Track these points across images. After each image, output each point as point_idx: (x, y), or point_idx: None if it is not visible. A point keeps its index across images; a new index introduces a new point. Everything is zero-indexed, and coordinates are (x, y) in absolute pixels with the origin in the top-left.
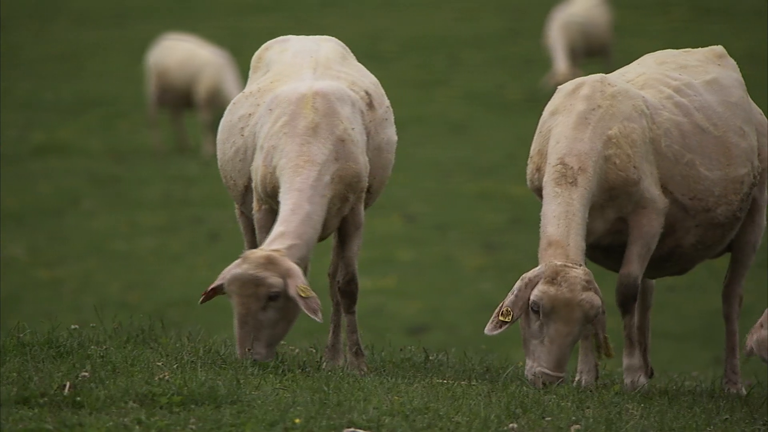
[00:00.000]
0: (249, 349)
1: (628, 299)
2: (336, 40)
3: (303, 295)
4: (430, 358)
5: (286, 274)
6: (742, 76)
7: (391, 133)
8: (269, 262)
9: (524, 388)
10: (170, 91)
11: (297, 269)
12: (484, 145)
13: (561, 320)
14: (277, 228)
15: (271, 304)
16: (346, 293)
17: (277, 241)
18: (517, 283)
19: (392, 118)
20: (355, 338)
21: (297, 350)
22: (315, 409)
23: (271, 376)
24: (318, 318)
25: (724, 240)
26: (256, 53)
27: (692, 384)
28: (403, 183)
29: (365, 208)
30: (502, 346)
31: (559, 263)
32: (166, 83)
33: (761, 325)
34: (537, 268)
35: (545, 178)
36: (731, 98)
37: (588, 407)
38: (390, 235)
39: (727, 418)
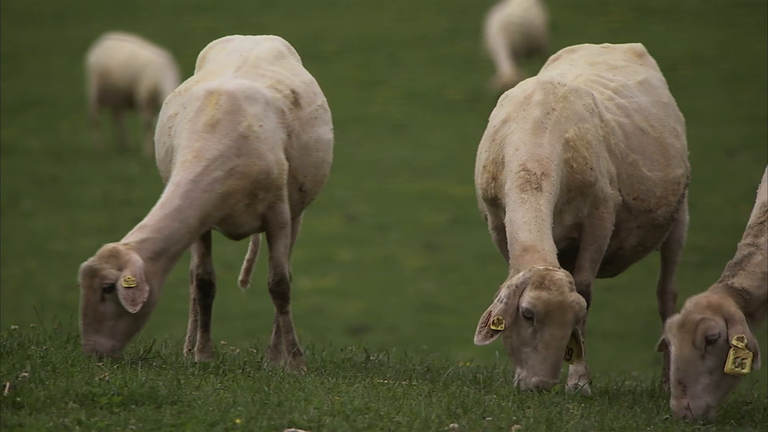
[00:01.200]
0: (93, 349)
1: None
2: (281, 40)
3: (126, 285)
4: (371, 358)
5: (124, 266)
6: (683, 76)
7: (322, 132)
8: (111, 255)
9: (465, 388)
10: (112, 91)
11: (136, 262)
12: (424, 146)
13: (555, 324)
14: (143, 220)
15: (107, 296)
16: (276, 294)
17: (133, 235)
18: (504, 291)
19: (326, 117)
20: (291, 338)
21: (238, 350)
22: (256, 409)
23: (211, 376)
24: (132, 309)
25: (660, 241)
26: (201, 52)
27: (632, 384)
28: (343, 183)
29: (302, 207)
30: (443, 346)
31: (542, 267)
32: (107, 83)
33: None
34: (521, 274)
35: (508, 186)
36: (662, 99)
37: (529, 407)
38: (330, 235)
39: (667, 418)
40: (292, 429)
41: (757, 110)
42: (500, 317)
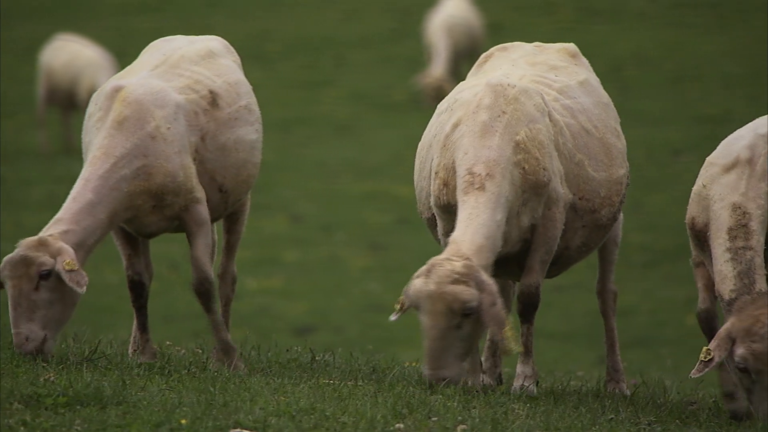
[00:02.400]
0: (27, 337)
1: (529, 308)
2: (220, 40)
3: (68, 268)
4: (317, 358)
5: (56, 253)
6: (629, 76)
7: (244, 133)
8: (40, 244)
9: (411, 388)
10: (57, 91)
11: (68, 249)
12: (370, 146)
13: (425, 313)
14: (57, 215)
15: (43, 283)
16: (200, 294)
17: (52, 227)
18: (413, 276)
19: (251, 118)
20: (221, 336)
21: (183, 351)
22: (201, 409)
23: (156, 376)
24: (80, 290)
25: (602, 242)
26: (143, 51)
27: (578, 384)
28: (289, 183)
29: (226, 207)
30: (388, 346)
31: (441, 257)
32: (53, 83)
33: (731, 338)
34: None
35: (457, 190)
36: (603, 99)
37: (474, 407)
38: (276, 236)
39: (612, 418)
40: (238, 429)
41: (702, 110)
42: (402, 297)
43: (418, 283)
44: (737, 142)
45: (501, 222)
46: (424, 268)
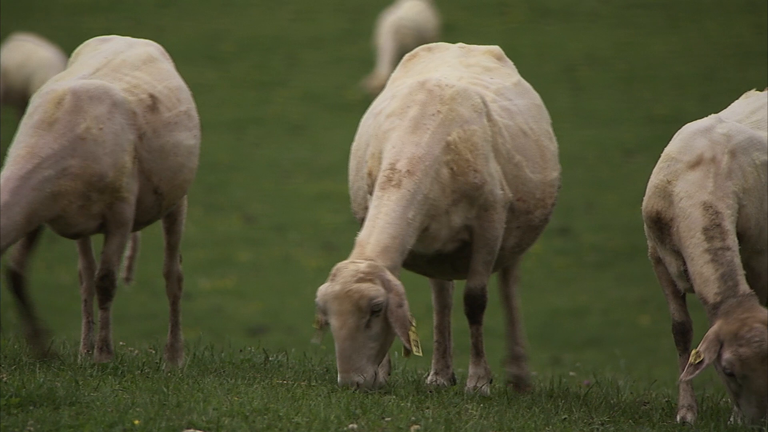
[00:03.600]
0: None
1: (476, 310)
2: (156, 45)
3: None
4: (270, 358)
5: None
6: (581, 77)
7: (183, 138)
8: None
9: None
10: (12, 91)
11: None
12: (322, 146)
13: (333, 315)
14: None
15: None
16: (100, 289)
17: None
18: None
19: (190, 124)
20: (104, 335)
21: (136, 351)
22: (154, 410)
23: (110, 377)
24: None
25: (532, 243)
26: (76, 50)
27: (532, 384)
28: (242, 184)
29: (160, 210)
30: None
31: (346, 261)
32: (8, 83)
33: (719, 341)
34: None
35: (375, 184)
36: (536, 101)
37: (428, 407)
38: (229, 236)
39: (565, 418)
40: (191, 430)
41: (654, 111)
42: (318, 316)
43: (324, 288)
44: (697, 139)
45: (413, 220)
46: (331, 273)
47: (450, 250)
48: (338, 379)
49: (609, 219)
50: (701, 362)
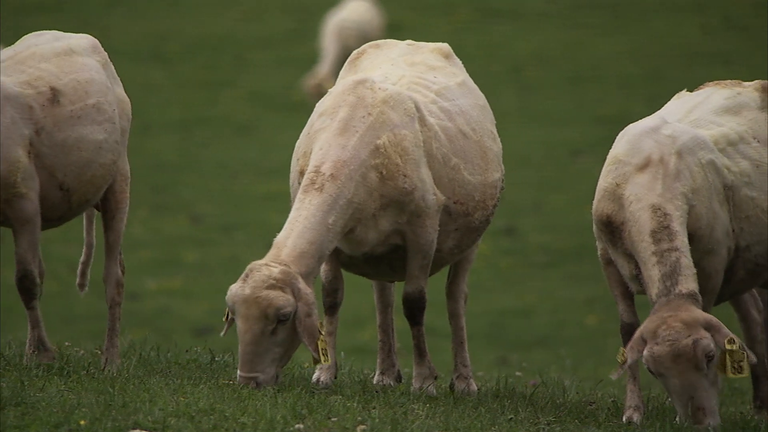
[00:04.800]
0: None
1: (415, 312)
2: (89, 38)
3: None
4: (216, 359)
5: None
6: (529, 77)
7: (88, 132)
8: None
9: (310, 388)
10: None
11: None
12: (270, 146)
13: (240, 317)
14: None
15: None
16: (21, 290)
17: None
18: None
19: (99, 118)
20: (37, 334)
21: (82, 352)
22: (100, 410)
23: (55, 377)
24: None
25: (473, 244)
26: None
27: (477, 384)
28: (189, 184)
29: (70, 206)
30: None
31: (261, 262)
32: None
33: (643, 339)
34: None
35: (300, 186)
36: (480, 101)
37: (374, 407)
38: (176, 236)
39: (511, 418)
40: (137, 430)
41: (602, 111)
42: (227, 309)
43: (234, 288)
44: (644, 140)
45: (334, 225)
46: (244, 273)
47: (382, 253)
48: (238, 377)
49: (556, 219)
50: (625, 361)
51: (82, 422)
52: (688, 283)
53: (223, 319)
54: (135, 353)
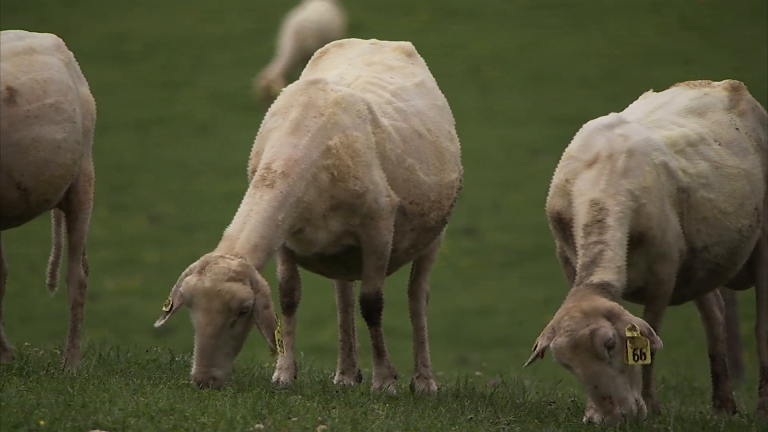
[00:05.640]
0: None
1: (372, 313)
2: (53, 38)
3: None
4: (176, 359)
5: None
6: (487, 77)
7: (46, 132)
8: None
9: (270, 389)
10: None
11: None
12: (229, 146)
13: (200, 310)
14: None
15: None
16: None
17: None
18: (182, 275)
19: (58, 117)
20: None
21: (42, 352)
22: (60, 410)
23: (15, 377)
24: None
25: (431, 243)
26: None
27: (438, 384)
28: (148, 184)
29: (29, 206)
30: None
31: (216, 255)
32: None
33: (554, 330)
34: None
35: (251, 182)
36: (438, 101)
37: (334, 407)
38: (135, 236)
39: (471, 418)
40: (97, 430)
41: (560, 111)
42: (170, 298)
43: (192, 280)
44: (596, 137)
45: (282, 222)
46: (196, 264)
47: (335, 253)
48: (194, 372)
49: (515, 219)
50: (535, 348)
51: (42, 422)
52: (604, 273)
53: (164, 309)
54: (95, 353)
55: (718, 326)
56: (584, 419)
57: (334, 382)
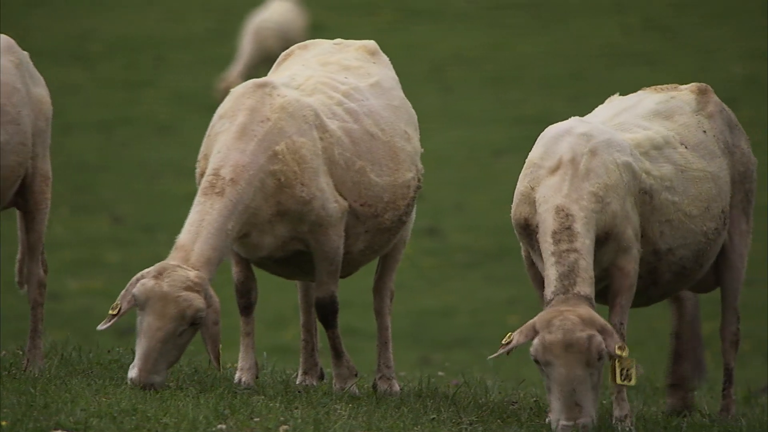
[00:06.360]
0: None
1: (328, 317)
2: (4, 38)
3: None
4: None
5: None
6: (450, 77)
7: None
8: None
9: (233, 389)
10: None
11: None
12: (191, 147)
13: (153, 314)
14: None
15: None
16: None
17: None
18: (132, 279)
19: (16, 119)
20: None
21: (4, 353)
22: (21, 411)
23: None
24: None
25: (389, 244)
26: None
27: (400, 384)
28: (110, 184)
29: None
30: None
31: (173, 263)
32: None
33: (534, 329)
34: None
35: (199, 188)
36: (394, 101)
37: (296, 407)
38: (97, 237)
39: (434, 418)
40: (59, 431)
41: (523, 111)
42: (118, 302)
43: (149, 283)
44: (558, 142)
45: (231, 231)
46: (150, 270)
47: (282, 257)
48: (133, 375)
49: (478, 219)
50: (509, 343)
51: (4, 423)
52: (585, 286)
53: (111, 312)
54: (57, 354)
55: (687, 304)
56: (547, 420)
57: (297, 382)
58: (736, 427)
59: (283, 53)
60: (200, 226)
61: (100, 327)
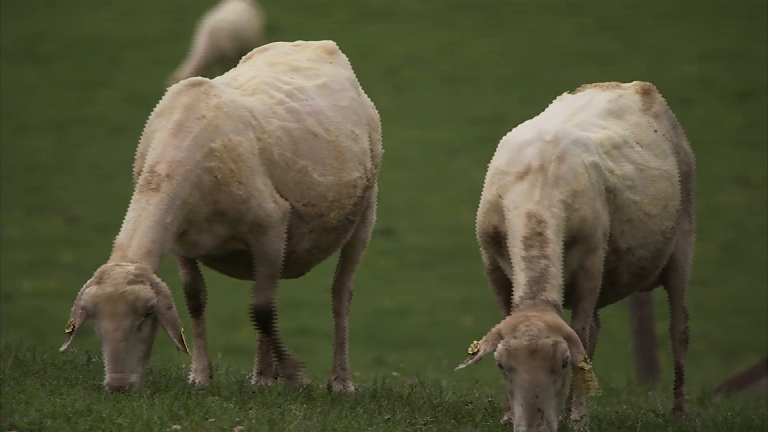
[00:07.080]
0: None
1: (265, 324)
2: None
3: None
4: (93, 360)
5: None
6: (404, 77)
7: None
8: None
9: (187, 389)
10: None
11: None
12: None
13: (107, 317)
14: None
15: None
16: None
17: None
18: (79, 293)
19: None
20: None
21: None
22: None
23: None
24: None
25: (339, 243)
26: None
27: (355, 384)
28: (64, 185)
29: None
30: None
31: (110, 264)
32: None
33: (499, 334)
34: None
35: (136, 187)
36: (342, 102)
37: (251, 408)
38: (51, 237)
39: (388, 418)
40: (13, 431)
41: (477, 111)
42: (71, 320)
43: (93, 290)
44: (525, 149)
45: (171, 225)
46: (93, 278)
47: (222, 256)
48: (109, 380)
49: (432, 219)
50: (476, 353)
51: None
52: (553, 292)
53: (66, 331)
54: (11, 354)
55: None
56: (502, 420)
57: (252, 382)
58: (689, 427)
59: (244, 57)
60: (137, 223)
61: (62, 349)
